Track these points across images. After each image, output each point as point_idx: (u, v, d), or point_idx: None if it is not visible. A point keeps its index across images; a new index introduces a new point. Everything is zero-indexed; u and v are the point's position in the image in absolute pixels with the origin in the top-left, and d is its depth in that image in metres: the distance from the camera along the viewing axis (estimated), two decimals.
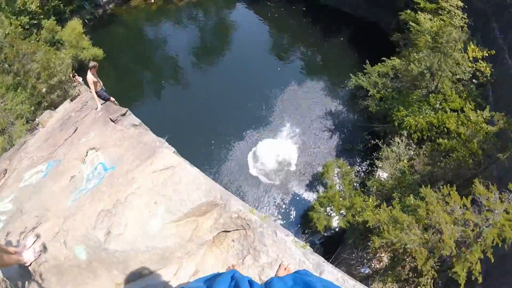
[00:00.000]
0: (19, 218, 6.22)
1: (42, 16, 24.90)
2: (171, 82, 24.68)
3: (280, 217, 16.57)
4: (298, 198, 17.48)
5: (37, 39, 22.74)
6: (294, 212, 16.86)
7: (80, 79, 19.24)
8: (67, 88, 18.30)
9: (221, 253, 4.11)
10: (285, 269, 4.06)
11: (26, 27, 24.02)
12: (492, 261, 8.73)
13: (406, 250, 9.69)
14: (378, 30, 26.73)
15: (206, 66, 25.74)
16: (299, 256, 4.22)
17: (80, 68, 22.54)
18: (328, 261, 5.20)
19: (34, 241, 5.21)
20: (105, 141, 6.62)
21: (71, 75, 19.05)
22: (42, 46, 19.28)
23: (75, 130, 8.23)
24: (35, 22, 24.65)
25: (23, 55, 17.77)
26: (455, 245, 8.88)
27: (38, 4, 24.74)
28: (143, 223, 4.32)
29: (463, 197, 9.50)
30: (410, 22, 17.78)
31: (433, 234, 9.35)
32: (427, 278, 9.67)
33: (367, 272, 13.05)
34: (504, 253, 9.53)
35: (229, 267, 3.83)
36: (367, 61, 18.69)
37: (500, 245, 8.55)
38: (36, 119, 15.88)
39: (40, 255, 4.98)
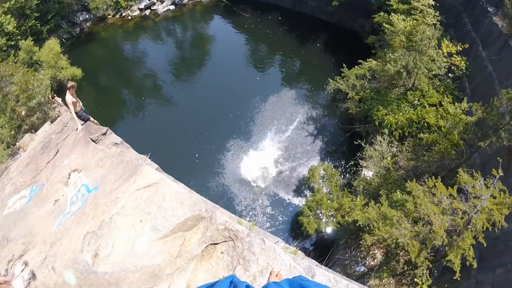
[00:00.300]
0: (6, 246, 6.09)
1: (19, 37, 24.59)
2: (151, 98, 24.49)
3: (269, 224, 16.55)
4: (286, 204, 17.52)
5: (14, 61, 22.41)
6: (284, 218, 16.87)
7: (59, 99, 18.96)
8: (46, 110, 18.01)
9: (211, 266, 4.10)
10: (276, 276, 4.06)
11: (3, 49, 23.69)
12: (485, 245, 8.93)
13: (398, 244, 9.80)
14: (353, 34, 27.29)
15: (186, 80, 25.70)
16: (289, 261, 4.24)
17: (60, 89, 22.25)
18: (321, 263, 5.23)
19: (23, 269, 5.11)
20: (87, 162, 6.55)
21: (50, 96, 18.77)
22: (20, 67, 18.98)
23: (57, 152, 8.12)
24: (12, 43, 24.33)
25: (1, 78, 17.48)
26: (446, 234, 9.07)
27: (15, 24, 24.41)
28: (130, 243, 4.28)
29: (449, 187, 9.71)
30: (384, 24, 18.16)
31: (423, 226, 9.50)
32: (422, 269, 9.79)
33: (362, 270, 13.12)
34: (495, 236, 9.77)
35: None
36: (344, 65, 18.99)
37: (490, 229, 8.75)
38: (17, 143, 15.56)
39: (29, 283, 4.89)
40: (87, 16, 31.16)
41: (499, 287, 9.70)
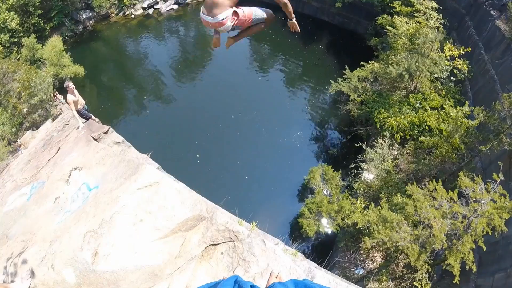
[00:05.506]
0: (5, 244, 6.08)
1: (22, 34, 24.57)
2: (153, 97, 24.45)
3: (269, 225, 16.44)
4: (287, 205, 17.47)
5: (17, 58, 22.42)
6: (284, 220, 16.82)
7: (61, 97, 18.98)
8: (48, 107, 18.05)
9: (211, 267, 4.10)
10: (276, 277, 4.05)
11: (6, 45, 23.69)
12: (484, 249, 8.95)
13: (398, 247, 9.80)
14: (356, 36, 27.25)
15: (188, 79, 25.65)
16: (289, 263, 4.23)
17: (61, 87, 22.18)
18: (321, 266, 5.22)
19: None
20: (88, 160, 6.54)
21: (52, 94, 18.78)
22: (23, 64, 19.00)
23: (58, 150, 8.12)
24: (15, 40, 24.32)
25: (4, 75, 17.52)
26: (446, 238, 9.08)
27: (18, 21, 24.41)
28: (131, 242, 4.28)
29: (450, 191, 9.72)
30: (387, 26, 18.12)
31: (423, 229, 9.51)
32: (422, 273, 9.79)
33: (361, 273, 13.11)
34: (495, 240, 9.78)
35: None
36: (347, 67, 18.93)
37: (490, 234, 8.76)
38: (18, 140, 15.59)
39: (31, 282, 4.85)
40: (90, 14, 31.13)
41: None
